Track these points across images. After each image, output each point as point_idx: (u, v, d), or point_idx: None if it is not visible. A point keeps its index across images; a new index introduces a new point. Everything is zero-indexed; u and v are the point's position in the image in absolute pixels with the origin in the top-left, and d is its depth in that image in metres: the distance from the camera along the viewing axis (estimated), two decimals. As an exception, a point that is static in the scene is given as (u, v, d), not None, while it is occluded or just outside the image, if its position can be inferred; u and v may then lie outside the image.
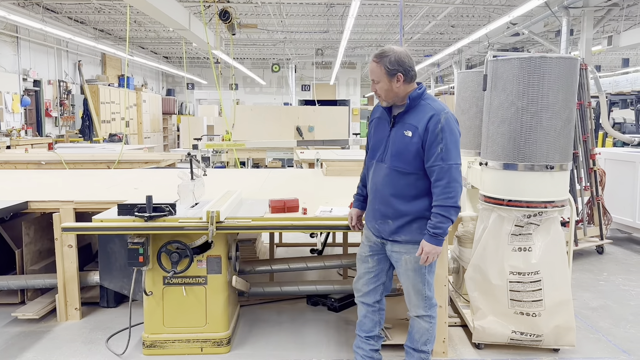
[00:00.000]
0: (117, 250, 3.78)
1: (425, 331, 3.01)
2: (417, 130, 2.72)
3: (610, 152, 7.04)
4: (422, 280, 2.91)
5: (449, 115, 2.73)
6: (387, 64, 2.72)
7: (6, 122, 12.32)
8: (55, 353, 3.56)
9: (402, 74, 2.73)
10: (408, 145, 2.75)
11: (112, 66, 19.20)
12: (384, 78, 2.75)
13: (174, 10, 9.42)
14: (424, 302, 2.96)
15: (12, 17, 10.82)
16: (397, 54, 2.73)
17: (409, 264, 2.88)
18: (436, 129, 2.68)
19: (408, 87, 2.78)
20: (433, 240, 2.71)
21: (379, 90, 2.80)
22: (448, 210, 2.69)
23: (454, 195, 2.69)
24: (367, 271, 3.07)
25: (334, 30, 15.95)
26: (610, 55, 20.55)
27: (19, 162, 7.10)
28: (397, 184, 2.80)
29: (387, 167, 2.83)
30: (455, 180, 2.70)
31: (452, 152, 2.69)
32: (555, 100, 3.33)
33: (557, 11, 10.73)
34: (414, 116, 2.77)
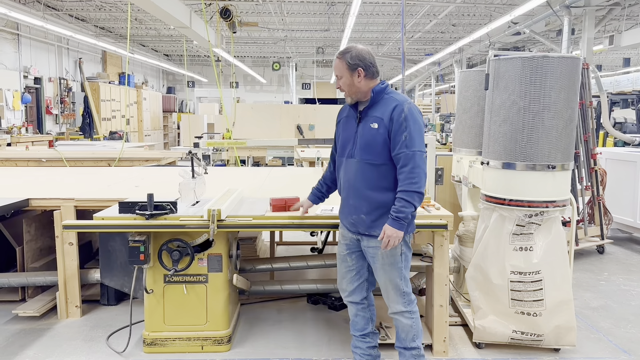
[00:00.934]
0: (118, 248, 3.78)
1: (409, 328, 3.01)
2: (382, 122, 2.82)
3: (611, 151, 7.03)
4: (399, 274, 2.93)
5: (412, 105, 2.84)
6: (349, 59, 2.84)
7: (7, 119, 12.31)
8: (55, 351, 3.56)
9: (362, 68, 2.84)
10: (375, 136, 2.82)
11: (112, 64, 19.19)
12: (346, 73, 2.87)
13: (175, 8, 9.41)
14: (402, 298, 2.97)
15: (13, 14, 10.80)
16: (358, 50, 2.87)
17: (385, 259, 2.90)
18: (400, 118, 2.77)
19: (370, 83, 2.89)
20: (395, 224, 2.75)
21: (342, 86, 2.91)
22: (411, 195, 2.74)
23: (417, 180, 2.74)
24: (348, 270, 3.11)
25: (335, 29, 15.93)
26: (612, 54, 20.53)
27: (19, 159, 7.10)
28: (369, 177, 2.86)
29: (357, 161, 2.89)
30: (419, 166, 2.76)
31: (415, 140, 2.77)
32: (557, 100, 3.32)
33: (558, 10, 10.71)
34: (378, 109, 2.86)
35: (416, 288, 4.25)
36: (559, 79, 3.31)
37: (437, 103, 24.24)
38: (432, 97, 24.67)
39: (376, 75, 2.91)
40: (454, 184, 4.87)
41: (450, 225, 3.37)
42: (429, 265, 3.57)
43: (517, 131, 3.40)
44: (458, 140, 4.61)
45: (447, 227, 3.35)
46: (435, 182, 4.37)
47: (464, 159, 4.41)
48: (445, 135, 11.65)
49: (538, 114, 3.33)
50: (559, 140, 3.36)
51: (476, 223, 3.91)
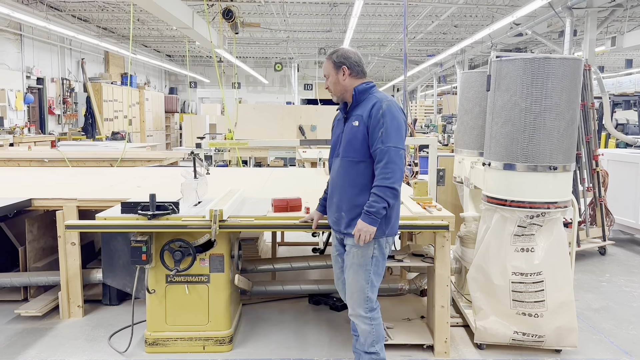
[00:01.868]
0: (120, 248, 3.80)
1: (368, 333, 2.97)
2: (362, 119, 2.84)
3: (613, 153, 7.03)
4: (365, 277, 2.90)
5: (392, 102, 2.84)
6: (334, 58, 2.92)
7: (9, 119, 12.35)
8: (58, 350, 3.57)
9: (347, 67, 2.90)
10: (356, 133, 2.85)
11: (115, 64, 19.23)
12: (332, 71, 2.93)
13: (177, 9, 9.43)
14: (365, 303, 2.93)
15: (15, 14, 10.84)
16: (344, 50, 2.95)
17: (355, 258, 2.89)
18: (378, 114, 2.79)
19: (355, 82, 2.93)
20: (366, 218, 2.75)
21: (329, 85, 2.97)
22: (383, 191, 2.73)
23: (390, 176, 2.73)
24: (341, 271, 3.11)
25: (337, 30, 15.96)
26: (614, 56, 20.51)
27: (22, 159, 7.12)
28: (349, 174, 2.88)
29: (340, 159, 2.93)
30: (393, 162, 2.75)
31: (391, 136, 2.76)
32: (559, 101, 3.33)
33: (560, 12, 10.71)
34: (361, 108, 2.89)
35: (417, 289, 4.26)
36: (560, 80, 3.31)
37: (439, 104, 24.22)
38: (434, 98, 24.65)
39: (361, 75, 2.94)
40: (455, 185, 4.87)
41: (451, 226, 3.38)
42: (431, 266, 3.57)
43: (518, 132, 3.40)
44: (460, 141, 4.61)
45: (449, 228, 3.36)
46: (437, 183, 4.38)
47: (466, 160, 4.41)
48: (447, 136, 11.66)
49: (540, 115, 3.33)
50: (560, 142, 3.37)
51: (477, 224, 3.92)
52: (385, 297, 4.31)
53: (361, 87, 2.91)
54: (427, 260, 3.61)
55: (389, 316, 3.97)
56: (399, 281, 4.31)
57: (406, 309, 4.14)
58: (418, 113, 23.30)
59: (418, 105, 24.77)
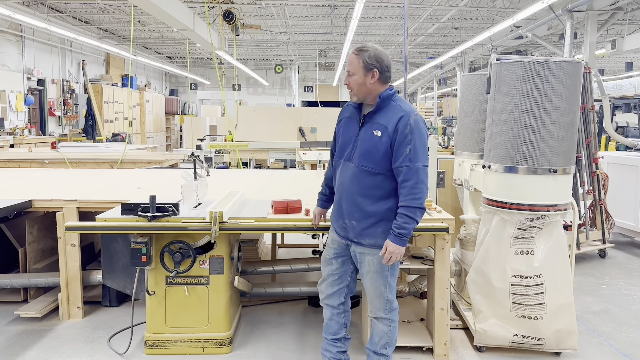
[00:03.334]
0: (120, 250, 3.80)
1: (385, 334, 2.98)
2: (386, 130, 2.74)
3: (613, 156, 7.03)
4: (384, 282, 2.88)
5: (418, 117, 2.77)
6: (366, 58, 2.76)
7: (10, 120, 12.36)
8: (57, 352, 3.57)
9: (378, 70, 2.77)
10: (377, 144, 2.76)
11: (115, 66, 19.25)
12: (360, 71, 2.78)
13: (178, 11, 9.44)
14: (384, 305, 2.93)
15: (16, 16, 10.86)
16: (378, 52, 2.79)
17: (371, 266, 2.87)
18: (405, 130, 2.70)
19: (381, 87, 2.81)
20: (397, 240, 2.71)
21: (352, 83, 2.82)
22: (414, 212, 2.70)
23: (420, 196, 2.70)
24: (332, 273, 3.07)
25: (338, 32, 15.98)
26: (614, 58, 20.53)
27: (22, 160, 7.12)
28: (364, 184, 2.80)
29: (354, 166, 2.83)
30: (422, 182, 2.71)
31: (419, 154, 2.71)
32: (559, 104, 3.33)
33: (561, 14, 10.73)
34: (383, 116, 2.78)
35: (417, 291, 4.26)
36: (560, 83, 3.32)
37: (439, 106, 24.24)
38: (434, 101, 24.67)
39: (388, 80, 2.84)
40: (455, 187, 4.87)
41: (451, 228, 3.38)
42: (430, 268, 3.57)
43: (518, 135, 3.40)
44: (460, 143, 4.61)
45: (449, 231, 3.36)
46: (437, 186, 4.38)
47: (466, 163, 4.41)
48: (447, 138, 11.66)
49: (540, 118, 3.34)
50: (560, 144, 3.37)
51: (477, 226, 3.92)
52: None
53: (386, 94, 2.81)
54: (426, 263, 3.61)
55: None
56: (398, 283, 4.30)
57: (406, 311, 4.14)
58: (418, 115, 23.29)
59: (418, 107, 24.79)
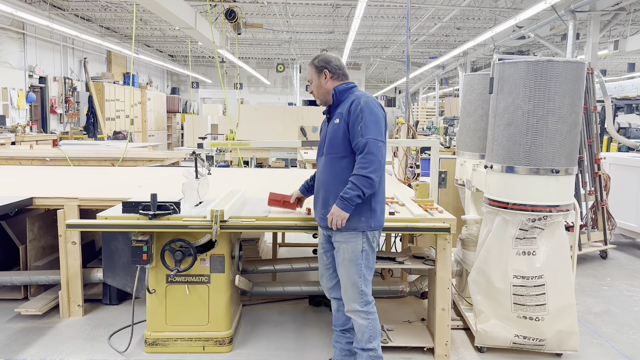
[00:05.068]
0: (120, 248, 3.80)
1: (365, 328, 2.99)
2: (342, 116, 2.93)
3: (615, 156, 7.01)
4: (357, 272, 2.94)
5: (370, 98, 2.93)
6: (316, 63, 3.04)
7: (11, 118, 12.36)
8: (57, 349, 3.57)
9: (328, 70, 3.01)
10: (336, 131, 2.94)
11: (117, 64, 19.25)
12: (314, 76, 3.04)
13: (180, 9, 9.44)
14: (359, 297, 2.96)
15: (18, 13, 10.86)
16: (325, 55, 3.06)
17: (346, 254, 2.93)
18: (356, 110, 2.87)
19: (336, 84, 3.04)
20: (340, 203, 2.82)
21: (313, 89, 3.08)
22: (359, 179, 2.79)
23: (367, 166, 2.79)
24: (326, 267, 3.16)
25: (340, 31, 15.97)
26: (616, 59, 20.50)
27: (23, 158, 7.13)
28: (334, 170, 2.95)
29: (324, 156, 3.02)
30: (372, 152, 2.81)
31: (370, 128, 2.83)
32: (562, 104, 3.32)
33: (563, 15, 10.71)
34: (341, 106, 2.99)
35: (418, 291, 4.25)
36: (563, 83, 3.30)
37: (441, 106, 24.23)
38: (436, 100, 24.66)
39: (342, 77, 3.04)
40: (457, 187, 4.86)
41: (453, 228, 3.37)
42: (432, 268, 3.57)
43: (521, 135, 3.39)
44: (462, 143, 4.60)
45: (450, 231, 3.35)
46: (439, 185, 4.37)
47: (468, 163, 4.40)
48: (448, 138, 11.65)
49: (542, 118, 3.32)
50: (562, 145, 3.36)
51: (479, 227, 3.91)
52: (385, 299, 4.31)
53: (341, 87, 3.02)
54: (428, 263, 3.60)
55: (390, 318, 3.96)
56: (399, 283, 4.30)
57: (407, 312, 4.13)
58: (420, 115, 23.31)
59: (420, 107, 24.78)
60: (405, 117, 6.41)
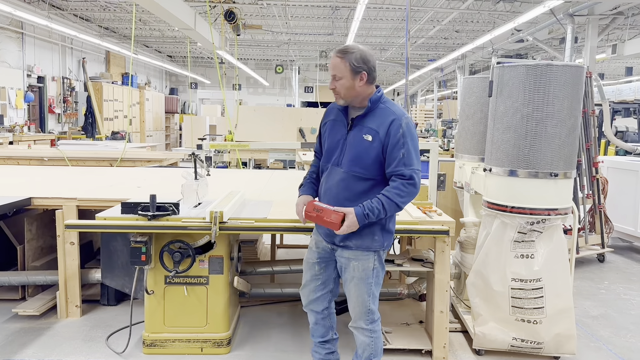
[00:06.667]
0: (119, 249, 3.79)
1: (367, 346, 2.88)
2: (377, 135, 2.66)
3: (613, 160, 7.04)
4: (367, 290, 2.80)
5: (409, 120, 2.71)
6: (353, 61, 2.64)
7: (9, 117, 12.33)
8: (55, 350, 3.56)
9: (366, 72, 2.67)
10: (368, 149, 2.68)
11: (116, 64, 19.23)
12: (347, 75, 2.66)
13: (179, 10, 9.44)
14: (366, 315, 2.84)
15: (17, 13, 10.84)
16: (363, 52, 2.67)
17: (356, 272, 2.78)
18: (398, 134, 2.63)
19: (368, 89, 2.72)
20: (361, 218, 2.62)
21: (339, 87, 2.70)
22: (390, 205, 2.63)
23: (405, 196, 2.64)
24: (314, 278, 2.97)
25: (339, 33, 15.97)
26: (614, 63, 20.56)
27: (21, 157, 7.11)
28: (353, 189, 2.72)
29: (343, 171, 2.74)
30: (415, 185, 2.64)
31: (413, 158, 2.66)
32: (561, 108, 3.33)
33: (562, 18, 10.74)
34: (373, 120, 2.70)
35: (417, 293, 4.26)
36: (562, 87, 3.32)
37: (439, 109, 24.26)
38: (434, 103, 24.69)
39: (375, 80, 2.75)
40: (455, 190, 4.87)
41: (452, 231, 3.37)
42: (430, 270, 3.57)
43: (520, 138, 3.40)
44: (460, 146, 4.61)
45: (449, 233, 3.35)
46: (437, 188, 4.38)
47: (467, 166, 4.41)
48: (447, 141, 11.67)
49: (541, 122, 3.33)
50: (561, 148, 3.37)
51: (477, 229, 3.92)
52: (384, 301, 4.30)
53: (375, 97, 2.73)
54: (426, 265, 3.61)
55: (388, 320, 3.96)
56: (398, 285, 4.30)
57: (405, 314, 4.13)
58: (418, 117, 23.33)
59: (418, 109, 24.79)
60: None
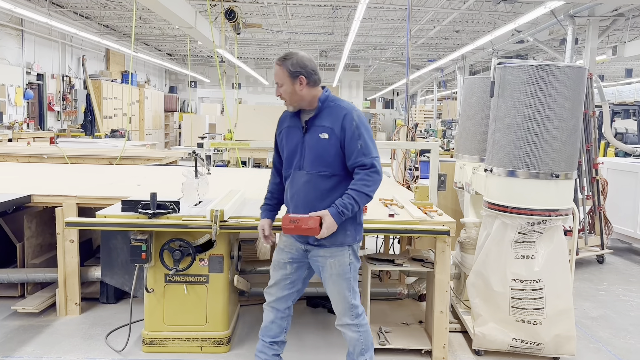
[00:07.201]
0: (119, 247, 3.78)
1: (356, 341, 2.91)
2: (333, 132, 2.74)
3: (613, 162, 7.04)
4: (347, 286, 2.84)
5: (360, 112, 2.81)
6: (290, 66, 2.75)
7: (9, 115, 12.30)
8: (54, 348, 3.55)
9: (304, 76, 2.75)
10: (326, 147, 2.75)
11: (115, 62, 19.20)
12: (287, 80, 2.76)
13: (180, 8, 9.43)
14: (349, 311, 2.88)
15: (18, 10, 10.82)
16: (300, 57, 2.78)
17: (333, 269, 2.82)
18: (352, 127, 2.72)
19: (313, 91, 2.80)
20: (337, 217, 2.68)
21: (283, 94, 2.80)
22: (361, 197, 2.69)
23: (372, 184, 2.70)
24: (284, 277, 2.98)
25: (339, 33, 15.96)
26: (614, 65, 20.58)
27: (21, 155, 7.09)
28: (320, 188, 2.77)
29: (307, 173, 2.79)
30: (377, 172, 2.72)
31: (370, 146, 2.74)
32: (562, 109, 3.33)
33: (562, 20, 10.74)
34: (326, 118, 2.78)
35: (416, 293, 4.26)
36: (564, 88, 3.31)
37: (439, 109, 24.29)
38: (434, 103, 24.71)
39: (318, 82, 2.82)
40: (455, 190, 4.87)
41: (452, 231, 3.37)
42: (430, 271, 3.57)
43: (521, 139, 3.40)
44: (461, 146, 4.61)
45: (450, 234, 3.35)
46: (438, 188, 4.38)
47: (467, 166, 4.41)
48: (446, 141, 11.68)
49: (543, 123, 3.33)
50: (563, 149, 3.37)
51: (478, 230, 3.92)
52: (383, 301, 4.31)
53: (323, 97, 2.82)
54: (427, 265, 3.61)
55: (387, 320, 3.96)
56: (397, 286, 4.31)
57: (404, 314, 4.13)
58: (417, 118, 23.36)
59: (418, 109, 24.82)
60: (404, 120, 6.41)
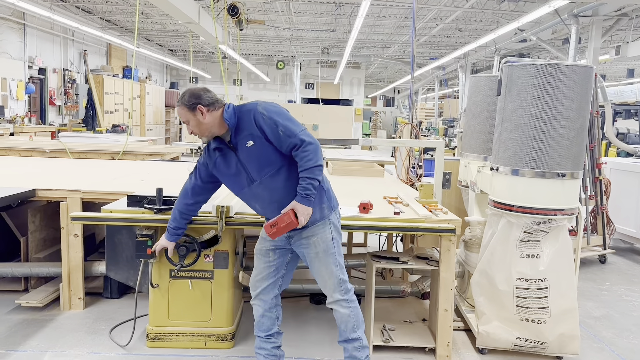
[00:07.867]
0: (124, 242, 3.78)
1: (347, 317, 2.95)
2: (256, 135, 2.81)
3: (616, 162, 7.04)
4: (333, 261, 2.92)
5: (264, 103, 2.87)
6: (186, 102, 2.82)
7: (10, 109, 12.29)
8: (59, 342, 3.55)
9: (201, 105, 2.81)
10: (260, 150, 2.82)
11: (117, 57, 19.17)
12: (189, 115, 2.83)
13: (184, 3, 9.41)
14: (339, 286, 2.94)
15: (20, 4, 10.80)
16: (191, 91, 2.87)
17: (318, 247, 2.90)
18: (266, 120, 2.78)
19: (216, 114, 2.84)
20: (305, 201, 2.77)
21: (194, 129, 2.88)
22: (312, 171, 2.76)
23: (311, 156, 2.75)
24: (268, 265, 3.04)
25: (341, 30, 15.93)
26: (616, 65, 20.57)
27: (23, 149, 7.09)
28: (278, 186, 2.86)
29: (259, 182, 2.87)
30: (309, 143, 2.76)
31: (289, 126, 2.78)
32: (570, 108, 3.32)
33: (566, 19, 10.73)
34: (243, 129, 2.84)
35: (419, 292, 4.26)
36: (572, 87, 3.31)
37: (440, 107, 24.27)
38: (435, 101, 24.70)
39: (218, 105, 2.86)
40: (460, 189, 4.87)
41: (457, 229, 3.37)
42: (435, 269, 3.57)
43: (528, 138, 3.40)
44: (466, 145, 4.61)
45: (455, 232, 3.35)
46: (443, 187, 4.38)
47: (472, 164, 4.41)
48: (448, 139, 11.68)
49: (550, 122, 3.33)
50: (569, 149, 3.36)
51: (483, 228, 3.91)
52: (387, 298, 4.31)
53: (228, 115, 2.84)
54: (431, 264, 3.61)
55: (391, 318, 3.97)
56: (401, 283, 4.31)
57: (408, 312, 4.14)
58: (419, 116, 23.34)
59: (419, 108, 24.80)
60: (409, 117, 6.41)
